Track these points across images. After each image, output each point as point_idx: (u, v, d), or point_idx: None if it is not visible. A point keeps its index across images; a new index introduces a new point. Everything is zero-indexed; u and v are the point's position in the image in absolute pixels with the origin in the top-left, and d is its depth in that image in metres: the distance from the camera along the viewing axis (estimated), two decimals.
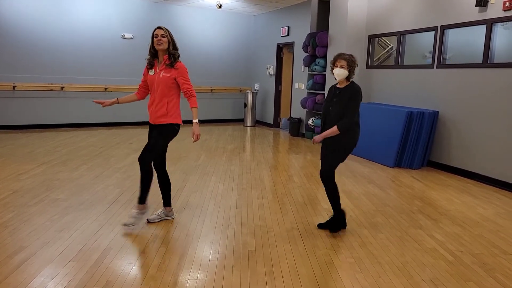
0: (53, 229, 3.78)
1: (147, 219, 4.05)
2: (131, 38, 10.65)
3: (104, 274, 2.99)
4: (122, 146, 8.01)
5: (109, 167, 6.22)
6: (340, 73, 3.80)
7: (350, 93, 3.81)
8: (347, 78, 3.84)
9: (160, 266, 3.15)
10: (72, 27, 9.93)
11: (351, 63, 3.81)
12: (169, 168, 4.24)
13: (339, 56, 3.83)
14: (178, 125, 3.95)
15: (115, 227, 3.88)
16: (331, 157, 3.91)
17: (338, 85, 3.94)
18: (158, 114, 3.85)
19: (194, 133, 3.84)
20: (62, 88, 9.94)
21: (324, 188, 4.00)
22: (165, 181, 4.09)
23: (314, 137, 3.94)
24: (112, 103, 4.02)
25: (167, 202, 4.13)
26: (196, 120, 3.85)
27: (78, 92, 10.15)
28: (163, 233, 3.80)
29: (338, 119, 3.79)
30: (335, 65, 3.82)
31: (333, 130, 3.79)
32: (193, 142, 3.92)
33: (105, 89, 10.40)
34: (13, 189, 4.97)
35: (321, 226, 4.07)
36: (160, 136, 3.89)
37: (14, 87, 9.40)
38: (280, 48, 11.42)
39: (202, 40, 11.62)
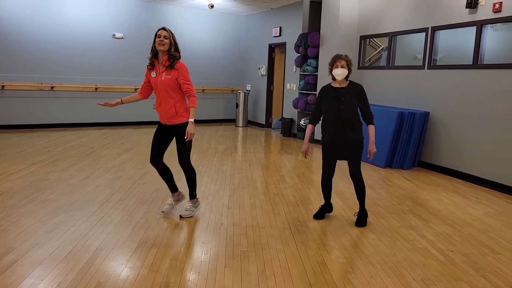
0: (43, 230, 3.74)
1: (180, 215, 4.18)
2: (122, 38, 10.58)
3: (95, 275, 2.96)
4: (112, 146, 7.96)
5: (99, 167, 6.18)
6: (342, 72, 3.93)
7: (358, 91, 4.01)
8: (346, 77, 4.00)
9: (151, 267, 3.13)
10: (62, 26, 9.84)
11: (350, 63, 3.99)
12: None
13: (339, 57, 3.97)
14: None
15: (106, 228, 3.85)
16: (359, 155, 4.10)
17: (336, 85, 4.00)
18: (168, 115, 3.97)
19: (188, 132, 3.89)
20: (52, 87, 9.86)
21: (320, 189, 4.08)
22: (193, 174, 4.21)
23: (372, 148, 4.05)
24: (116, 104, 4.06)
25: (193, 194, 4.25)
26: (192, 120, 3.92)
27: (68, 91, 10.06)
28: (154, 233, 3.78)
29: (353, 117, 3.98)
30: (336, 65, 3.94)
31: (373, 130, 4.06)
32: (186, 140, 3.93)
33: (96, 88, 10.33)
34: (2, 189, 4.91)
35: (317, 216, 4.31)
36: (182, 136, 3.98)
37: (3, 86, 9.30)
38: (272, 48, 11.43)
39: (194, 40, 11.59)
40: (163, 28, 3.89)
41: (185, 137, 3.90)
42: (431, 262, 3.38)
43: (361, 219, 4.18)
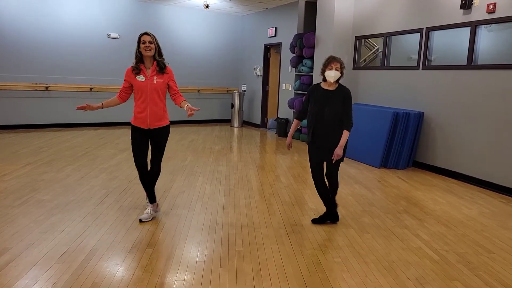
0: (37, 231, 3.73)
1: (139, 219, 4.08)
2: (117, 38, 10.56)
3: (90, 276, 2.96)
4: (108, 146, 7.94)
5: (95, 168, 6.16)
6: (335, 75, 3.90)
7: (344, 95, 3.95)
8: (337, 80, 3.97)
9: (146, 267, 3.13)
10: (57, 26, 9.80)
11: (343, 66, 3.97)
12: None
13: (334, 59, 3.94)
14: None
15: (101, 228, 3.85)
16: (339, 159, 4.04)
17: (326, 87, 3.99)
18: (156, 118, 3.95)
19: (191, 109, 3.68)
20: (47, 87, 9.81)
21: (313, 188, 4.08)
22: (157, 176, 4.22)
23: (339, 152, 3.90)
24: (98, 108, 3.99)
25: (153, 199, 4.23)
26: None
27: (63, 92, 10.02)
28: (149, 234, 3.78)
29: (336, 120, 3.93)
30: (330, 67, 3.91)
31: (346, 136, 3.94)
32: (189, 115, 3.69)
33: (91, 89, 10.29)
34: None
35: (316, 221, 4.21)
36: (164, 140, 4.08)
37: None
38: (267, 48, 11.43)
39: (189, 40, 11.57)
40: (146, 33, 3.86)
41: (188, 113, 3.66)
42: (425, 262, 3.40)
43: (334, 214, 4.21)
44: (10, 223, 3.89)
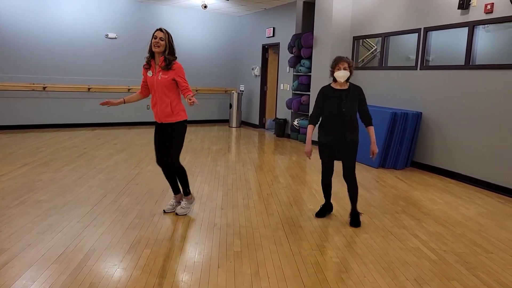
0: (35, 231, 3.71)
1: (176, 213, 4.22)
2: (115, 38, 10.53)
3: (88, 276, 2.95)
4: (106, 146, 7.92)
5: (92, 168, 6.14)
6: (345, 74, 3.97)
7: (359, 94, 4.09)
8: (347, 79, 4.05)
9: (144, 268, 3.12)
10: (54, 26, 9.78)
11: (351, 65, 4.03)
12: (154, 170, 4.22)
13: (341, 59, 4.00)
14: (185, 121, 4.13)
15: (99, 229, 3.83)
16: (354, 156, 4.16)
17: (337, 87, 4.01)
18: (164, 113, 4.03)
19: (190, 99, 3.67)
20: (44, 88, 9.79)
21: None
22: (183, 173, 4.24)
23: (374, 148, 4.15)
24: (119, 103, 4.13)
25: (187, 191, 4.30)
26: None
27: (60, 92, 10.00)
28: (147, 234, 3.77)
29: (354, 119, 4.06)
30: (338, 67, 3.97)
31: (373, 131, 4.14)
32: (189, 104, 3.68)
33: (89, 89, 10.27)
34: None
35: (318, 215, 4.38)
36: (173, 136, 4.07)
37: None
38: (265, 49, 11.43)
39: (187, 40, 11.56)
40: (160, 29, 3.93)
41: (190, 101, 3.66)
42: (423, 262, 3.40)
43: (355, 220, 4.18)
44: (7, 223, 3.87)
